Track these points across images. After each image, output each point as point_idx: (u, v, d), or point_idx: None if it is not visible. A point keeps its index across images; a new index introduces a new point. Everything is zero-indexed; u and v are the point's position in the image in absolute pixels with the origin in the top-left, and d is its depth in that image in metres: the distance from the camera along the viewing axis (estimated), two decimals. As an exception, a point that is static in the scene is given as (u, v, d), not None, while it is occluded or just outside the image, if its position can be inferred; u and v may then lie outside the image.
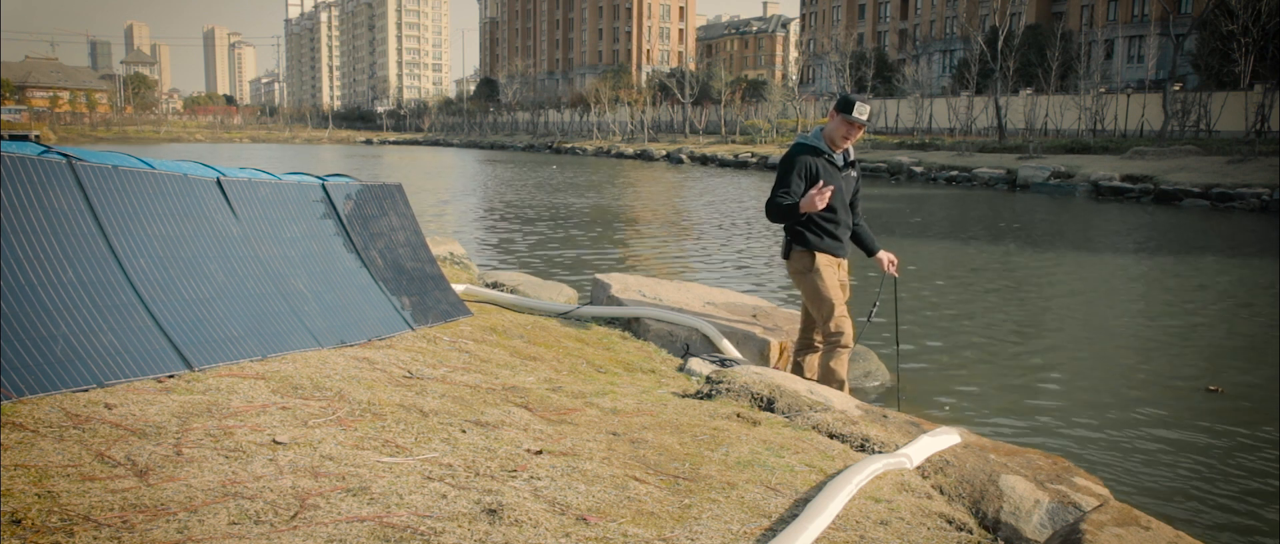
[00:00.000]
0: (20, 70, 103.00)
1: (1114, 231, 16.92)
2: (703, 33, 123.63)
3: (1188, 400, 5.61)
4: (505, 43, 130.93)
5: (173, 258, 3.60)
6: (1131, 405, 5.49)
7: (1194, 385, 5.98)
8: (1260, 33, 33.00)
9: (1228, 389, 5.82)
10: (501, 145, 77.55)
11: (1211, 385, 5.86)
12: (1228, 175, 24.06)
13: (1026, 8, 63.50)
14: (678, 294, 6.34)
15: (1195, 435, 4.92)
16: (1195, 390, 5.85)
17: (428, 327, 4.62)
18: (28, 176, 3.23)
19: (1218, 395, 5.67)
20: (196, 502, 2.14)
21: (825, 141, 4.61)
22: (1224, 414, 5.29)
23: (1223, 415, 5.27)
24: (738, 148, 49.55)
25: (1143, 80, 47.47)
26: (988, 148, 36.89)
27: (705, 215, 19.08)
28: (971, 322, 8.12)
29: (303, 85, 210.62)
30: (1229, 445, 4.76)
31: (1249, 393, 5.83)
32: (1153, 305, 9.48)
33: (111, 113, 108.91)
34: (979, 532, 2.81)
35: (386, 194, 5.22)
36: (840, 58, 57.97)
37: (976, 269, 11.71)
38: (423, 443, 2.78)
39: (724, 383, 4.09)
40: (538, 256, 12.44)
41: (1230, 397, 5.68)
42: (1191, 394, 5.76)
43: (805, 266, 4.67)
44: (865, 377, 5.66)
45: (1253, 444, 4.79)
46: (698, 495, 2.63)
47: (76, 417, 2.63)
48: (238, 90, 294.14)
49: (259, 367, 3.42)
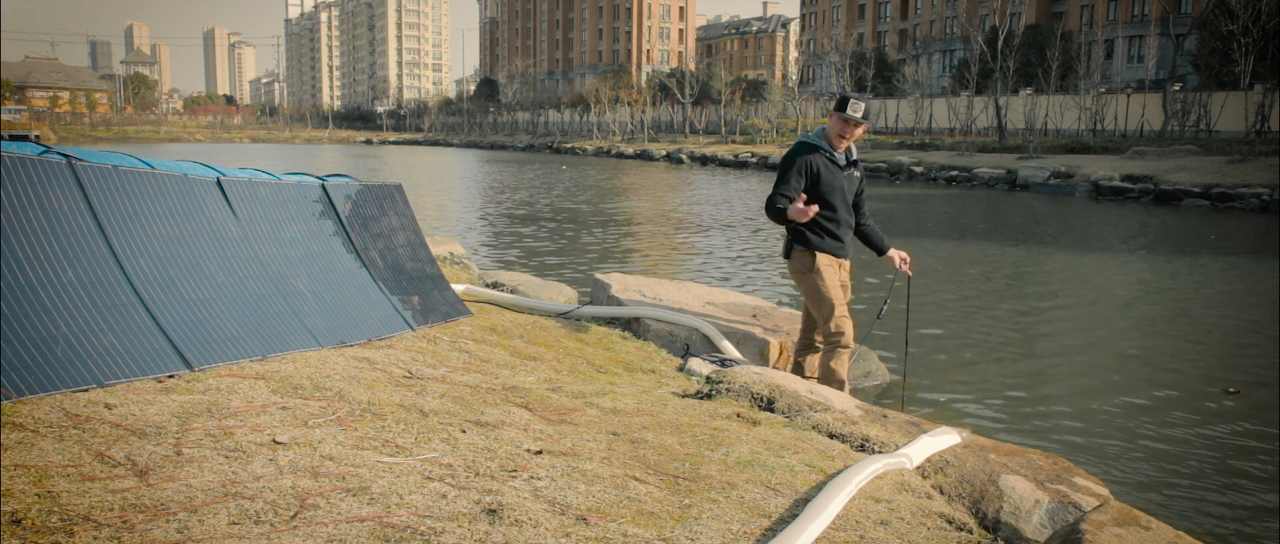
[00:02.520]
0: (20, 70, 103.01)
1: (1114, 232, 16.92)
2: (703, 33, 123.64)
3: (1188, 400, 5.61)
4: (505, 43, 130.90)
5: (172, 258, 3.60)
6: (1131, 405, 5.49)
7: (1194, 385, 5.98)
8: (1260, 33, 33.00)
9: (1228, 388, 5.82)
10: (501, 145, 77.55)
11: (1230, 387, 5.83)
12: (1228, 175, 24.05)
13: (1026, 8, 63.49)
14: (678, 294, 6.34)
15: (1195, 435, 4.92)
16: (1195, 390, 5.85)
17: (428, 327, 4.62)
18: (28, 176, 3.23)
19: (1234, 396, 5.64)
20: (196, 502, 2.14)
21: (825, 141, 4.61)
22: (1224, 414, 5.29)
23: (1223, 415, 5.27)
24: (738, 148, 49.55)
25: (1143, 80, 47.48)
26: (988, 148, 36.88)
27: (705, 215, 19.08)
28: (971, 321, 8.12)
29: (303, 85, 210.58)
30: (1229, 445, 4.76)
31: (1251, 393, 5.83)
32: (1152, 305, 9.48)
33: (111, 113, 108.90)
34: (979, 532, 2.81)
35: (386, 194, 5.22)
36: (840, 58, 57.95)
37: (976, 269, 11.71)
38: (423, 443, 2.78)
39: (724, 383, 4.09)
40: (538, 257, 12.44)
41: (1231, 396, 5.67)
42: (1191, 394, 5.76)
43: (806, 266, 4.67)
44: (865, 377, 5.66)
45: (1253, 444, 4.79)
46: (698, 495, 2.63)
47: (76, 417, 2.63)
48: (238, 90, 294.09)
49: (259, 367, 3.42)
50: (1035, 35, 49.41)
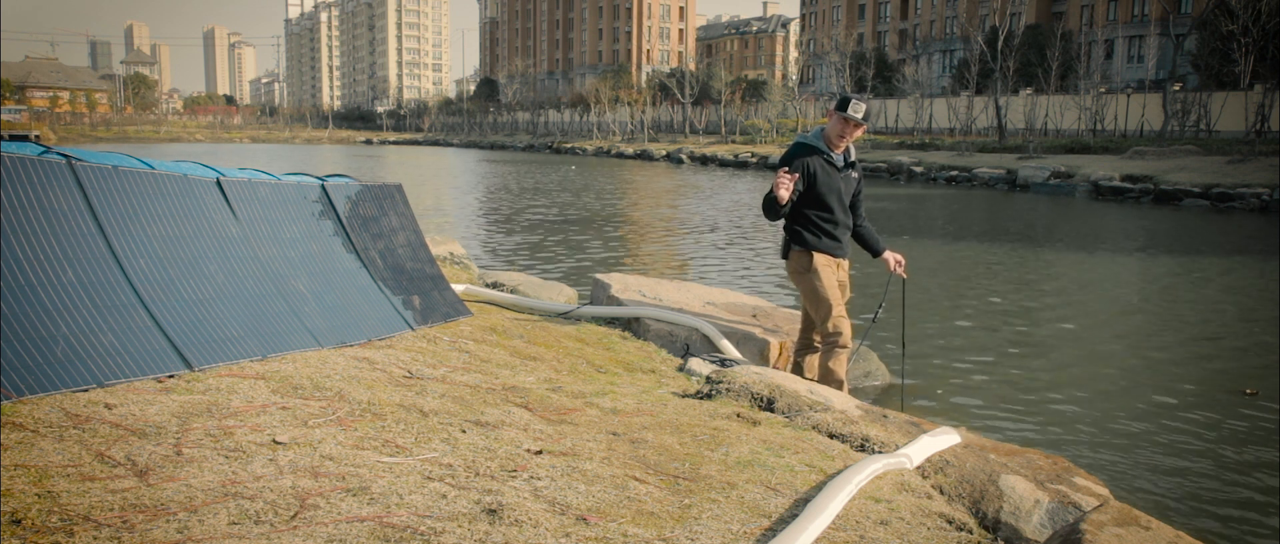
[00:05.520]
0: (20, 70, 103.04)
1: (1114, 232, 16.92)
2: (703, 33, 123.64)
3: (1188, 400, 5.61)
4: (505, 43, 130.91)
5: (172, 258, 3.60)
6: (1131, 405, 5.49)
7: (1194, 385, 5.98)
8: (1260, 33, 33.02)
9: (1228, 388, 5.82)
10: (501, 145, 77.56)
11: (1247, 388, 5.81)
12: (1228, 175, 24.06)
13: (1026, 8, 63.49)
14: (678, 294, 6.34)
15: (1195, 435, 4.92)
16: (1195, 390, 5.85)
17: (428, 327, 4.62)
18: (28, 177, 3.23)
19: (1250, 397, 5.62)
20: (196, 502, 2.14)
21: (824, 141, 4.61)
22: (1224, 413, 5.29)
23: (1223, 415, 5.27)
24: (738, 148, 49.55)
25: (1143, 80, 47.48)
26: (988, 148, 36.89)
27: (705, 215, 19.08)
28: (971, 322, 8.12)
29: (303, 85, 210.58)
30: (1229, 445, 4.76)
31: (1259, 394, 5.82)
32: (1152, 305, 9.48)
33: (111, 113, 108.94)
34: (979, 532, 2.81)
35: (386, 194, 5.22)
36: (840, 58, 57.95)
37: (976, 269, 11.71)
38: (423, 443, 2.78)
39: (724, 383, 4.09)
40: (538, 257, 12.44)
41: (1231, 396, 5.67)
42: (1191, 394, 5.76)
43: (803, 266, 4.67)
44: (865, 377, 5.66)
45: (1253, 444, 4.79)
46: (698, 495, 2.63)
47: (76, 417, 2.63)
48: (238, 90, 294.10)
49: (259, 367, 3.42)
50: (1035, 35, 49.42)
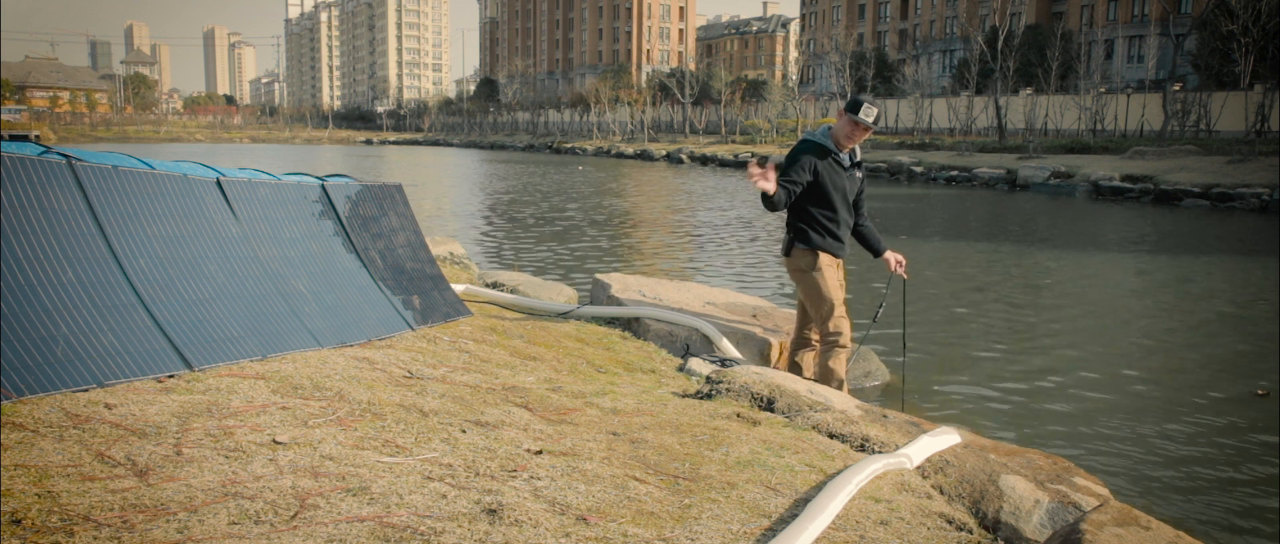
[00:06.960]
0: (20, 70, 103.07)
1: (1114, 232, 16.92)
2: (703, 33, 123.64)
3: (1188, 400, 5.61)
4: (505, 43, 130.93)
5: (172, 258, 3.60)
6: (1131, 405, 5.49)
7: (1194, 385, 5.98)
8: (1260, 33, 33.02)
9: (1228, 388, 5.82)
10: (502, 145, 77.54)
11: (1259, 388, 5.80)
12: (1228, 175, 24.05)
13: (1026, 8, 63.50)
14: (678, 294, 6.34)
15: (1195, 435, 4.92)
16: (1195, 390, 5.84)
17: (428, 327, 4.62)
18: (28, 177, 3.23)
19: (1262, 398, 5.61)
20: (196, 502, 2.14)
21: (831, 141, 4.63)
22: (1224, 413, 5.29)
23: (1223, 415, 5.27)
24: (738, 148, 49.54)
25: (1143, 80, 47.47)
26: (988, 148, 36.87)
27: (705, 215, 19.08)
28: (972, 321, 8.12)
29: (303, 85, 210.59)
30: (1230, 444, 4.76)
31: (1250, 393, 5.83)
32: (1152, 305, 9.48)
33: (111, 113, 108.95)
34: (979, 532, 2.81)
35: (386, 194, 5.22)
36: (840, 58, 57.94)
37: (976, 269, 11.71)
38: (423, 443, 2.78)
39: (724, 383, 4.09)
40: (538, 257, 12.44)
41: (1231, 396, 5.67)
42: (1191, 394, 5.76)
43: (807, 265, 4.68)
44: (865, 377, 5.66)
45: (1253, 444, 4.79)
46: (698, 495, 2.63)
47: (76, 417, 2.63)
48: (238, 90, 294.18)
49: (259, 367, 3.42)
50: (1035, 35, 49.42)
